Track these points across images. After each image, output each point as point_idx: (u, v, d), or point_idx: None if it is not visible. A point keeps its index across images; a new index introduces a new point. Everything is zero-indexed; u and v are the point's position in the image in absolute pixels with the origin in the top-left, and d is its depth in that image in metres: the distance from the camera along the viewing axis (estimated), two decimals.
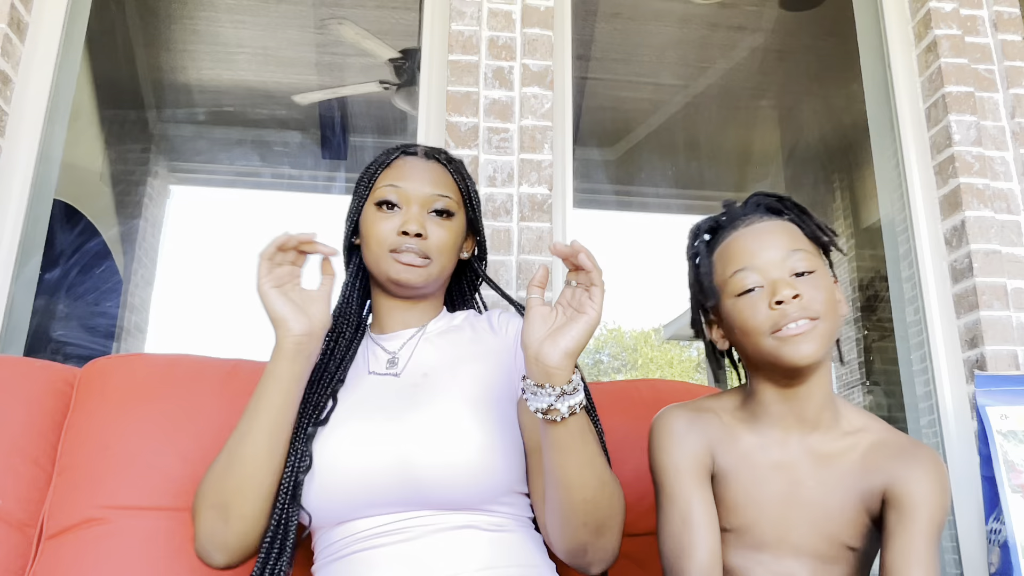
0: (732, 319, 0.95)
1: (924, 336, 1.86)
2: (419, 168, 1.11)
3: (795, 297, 0.90)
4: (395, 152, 1.14)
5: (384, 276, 1.07)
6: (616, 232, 4.46)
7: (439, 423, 0.95)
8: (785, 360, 0.90)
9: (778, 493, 0.94)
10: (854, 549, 0.95)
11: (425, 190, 1.09)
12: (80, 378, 1.26)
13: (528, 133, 1.77)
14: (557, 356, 0.82)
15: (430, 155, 1.14)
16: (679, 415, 1.00)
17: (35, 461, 1.17)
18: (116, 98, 3.39)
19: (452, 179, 1.13)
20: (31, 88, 1.76)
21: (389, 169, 1.11)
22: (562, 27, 1.95)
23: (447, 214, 1.10)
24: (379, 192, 1.09)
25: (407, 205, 1.08)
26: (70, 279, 2.94)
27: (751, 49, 3.30)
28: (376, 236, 1.07)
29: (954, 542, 1.73)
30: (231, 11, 3.13)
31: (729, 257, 0.96)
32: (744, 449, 0.97)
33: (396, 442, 0.94)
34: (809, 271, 0.93)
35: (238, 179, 3.93)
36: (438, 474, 0.92)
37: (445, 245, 1.08)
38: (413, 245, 1.05)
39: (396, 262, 1.06)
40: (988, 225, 1.81)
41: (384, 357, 1.09)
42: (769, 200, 1.00)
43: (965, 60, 1.94)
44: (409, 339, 1.10)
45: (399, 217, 1.07)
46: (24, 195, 1.72)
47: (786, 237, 0.95)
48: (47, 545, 1.12)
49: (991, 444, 1.36)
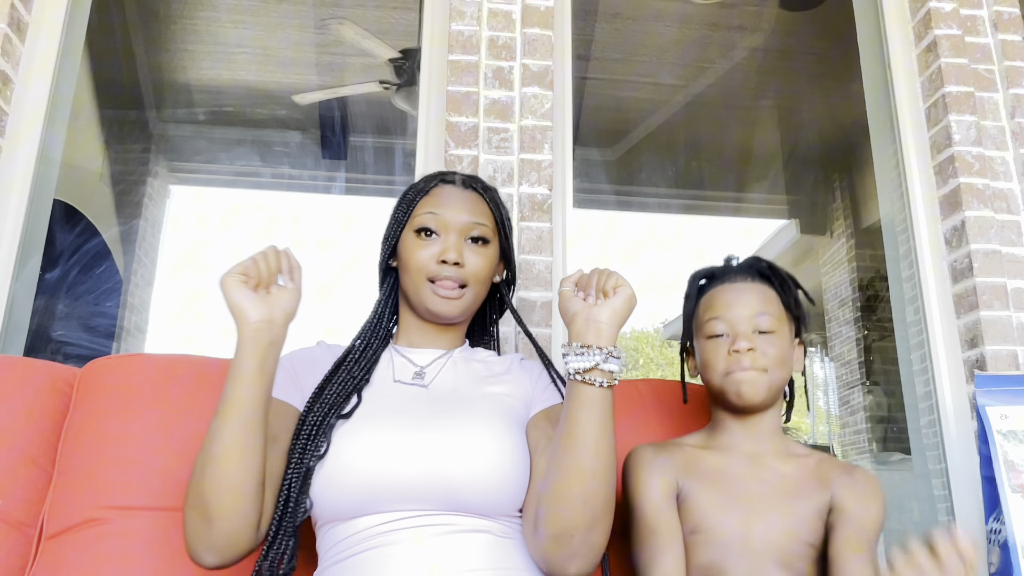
0: (700, 355, 1.16)
1: (924, 336, 1.86)
2: (457, 196, 1.15)
3: (749, 350, 1.09)
4: (434, 180, 1.18)
5: (422, 306, 1.12)
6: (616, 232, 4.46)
7: (471, 434, 0.99)
8: (732, 398, 1.10)
9: (742, 495, 1.08)
10: (813, 546, 1.06)
11: (463, 218, 1.13)
12: (80, 378, 1.26)
13: (528, 133, 1.77)
14: (607, 314, 0.89)
15: (467, 184, 1.19)
16: (647, 450, 1.14)
17: (35, 461, 1.17)
18: (116, 98, 3.39)
19: (488, 207, 1.17)
20: (31, 88, 1.76)
21: (428, 197, 1.15)
22: (562, 27, 1.95)
23: (483, 241, 1.14)
24: (418, 219, 1.13)
25: (445, 233, 1.12)
26: (70, 279, 2.94)
27: (751, 49, 3.30)
28: (416, 263, 1.11)
29: None
30: (231, 11, 3.13)
31: (709, 304, 1.15)
32: (709, 466, 1.12)
33: (426, 450, 0.97)
34: (770, 331, 1.11)
35: (238, 179, 3.93)
36: (467, 480, 0.95)
37: (481, 272, 1.13)
38: (451, 273, 1.10)
39: (434, 295, 1.11)
40: (988, 225, 1.81)
41: (411, 369, 1.12)
42: (761, 266, 1.17)
43: (965, 60, 1.94)
44: (437, 358, 1.14)
45: (438, 244, 1.12)
46: (24, 195, 1.72)
47: (759, 300, 1.13)
48: (47, 545, 1.13)
49: (991, 444, 1.36)
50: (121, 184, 3.53)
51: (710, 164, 4.19)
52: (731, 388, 1.10)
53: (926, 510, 1.83)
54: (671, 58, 3.39)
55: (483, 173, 1.74)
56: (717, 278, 1.18)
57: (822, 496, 1.07)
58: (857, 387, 4.62)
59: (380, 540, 0.94)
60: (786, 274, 1.17)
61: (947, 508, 1.76)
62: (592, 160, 4.01)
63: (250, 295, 0.92)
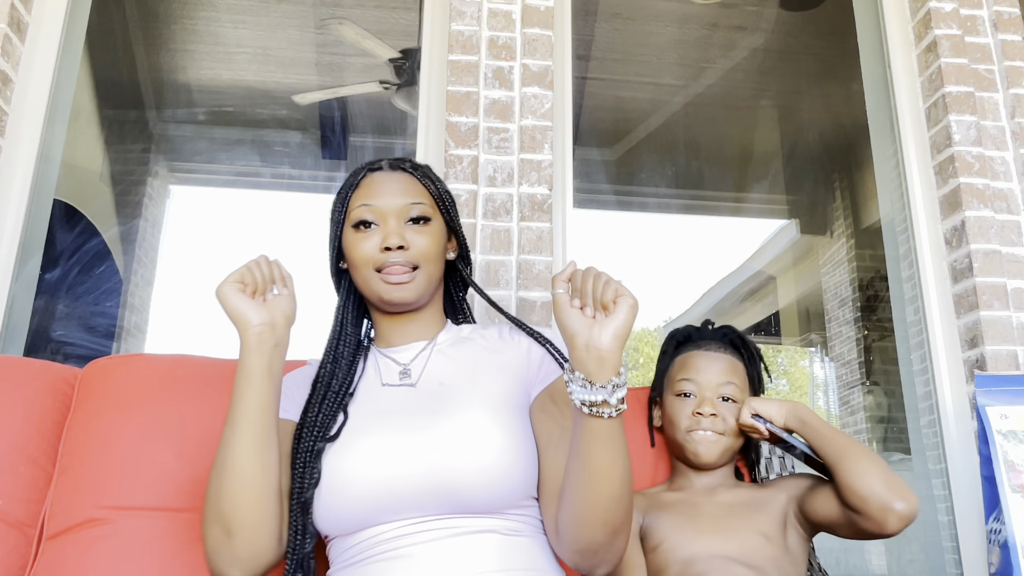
0: (666, 409, 1.26)
1: (924, 336, 1.86)
2: (387, 181, 1.12)
3: (712, 415, 1.19)
4: (361, 171, 1.15)
5: (376, 297, 1.09)
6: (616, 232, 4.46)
7: (465, 429, 0.97)
8: (689, 456, 1.20)
9: (696, 516, 1.17)
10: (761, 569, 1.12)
11: (397, 201, 1.10)
12: (81, 378, 1.26)
13: (528, 133, 1.77)
14: (608, 339, 0.82)
15: (395, 166, 1.16)
16: None
17: (35, 461, 1.17)
18: (116, 98, 3.39)
19: (421, 185, 1.14)
20: (31, 88, 1.76)
21: (359, 190, 1.12)
22: (562, 27, 1.95)
23: (424, 220, 1.11)
24: (354, 214, 1.11)
25: (383, 221, 1.09)
26: (70, 279, 2.94)
27: (751, 49, 3.30)
28: (360, 257, 1.09)
29: (954, 542, 1.73)
30: (231, 11, 3.12)
31: (683, 365, 1.25)
32: (669, 500, 1.22)
33: (423, 450, 0.96)
34: (733, 400, 1.21)
35: (238, 179, 3.93)
36: (467, 478, 0.94)
37: (429, 251, 1.10)
38: (398, 259, 1.07)
39: (384, 282, 1.07)
40: (988, 225, 1.81)
41: (396, 369, 1.10)
42: (734, 337, 1.28)
43: (965, 60, 1.94)
44: (421, 351, 1.12)
45: (378, 234, 1.09)
46: (24, 195, 1.72)
47: (728, 369, 1.23)
48: (47, 545, 1.13)
49: (991, 444, 1.36)
50: (121, 184, 3.53)
51: (710, 164, 4.19)
52: (689, 447, 1.20)
53: (926, 510, 1.83)
54: (671, 58, 3.39)
55: (483, 173, 1.74)
56: (693, 341, 1.29)
57: (770, 513, 1.16)
58: (857, 387, 4.62)
59: (383, 553, 0.93)
60: (754, 348, 1.29)
61: (947, 508, 1.76)
62: (592, 160, 4.00)
63: (248, 300, 0.93)
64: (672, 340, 1.32)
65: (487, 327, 1.19)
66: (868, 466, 1.04)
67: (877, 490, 1.02)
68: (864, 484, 1.03)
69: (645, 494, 1.25)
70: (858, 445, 1.09)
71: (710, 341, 1.27)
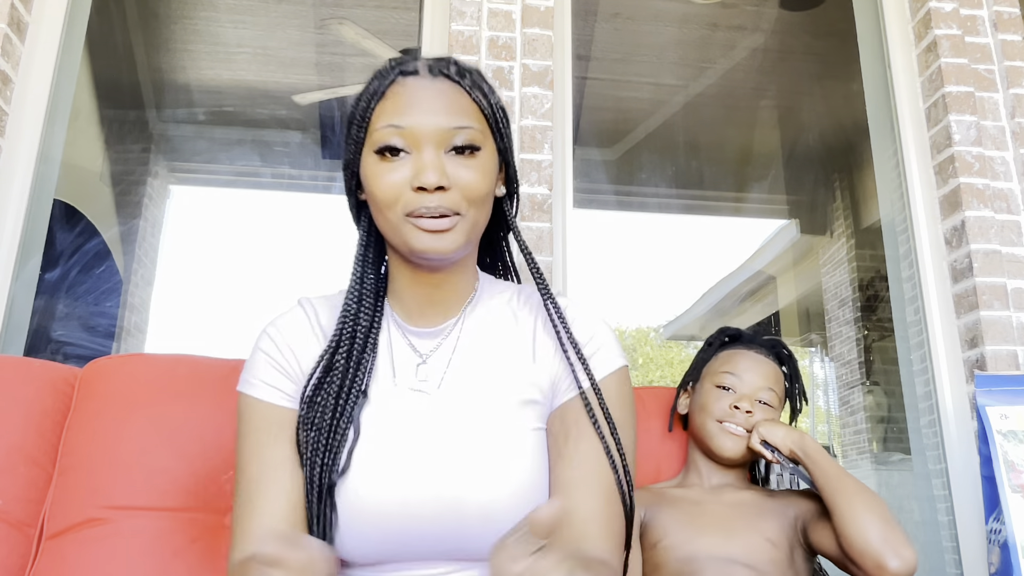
0: (701, 396, 1.26)
1: (924, 336, 1.86)
2: (425, 94, 0.85)
3: (748, 412, 1.20)
4: (390, 74, 0.87)
5: (406, 248, 0.85)
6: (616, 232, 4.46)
7: (487, 462, 0.82)
8: (714, 447, 1.20)
9: (697, 515, 1.15)
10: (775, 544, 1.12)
11: (438, 123, 0.83)
12: (81, 378, 1.25)
13: (528, 133, 1.77)
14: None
15: (436, 71, 0.87)
16: None
17: (35, 461, 1.17)
18: (116, 98, 3.39)
19: (471, 99, 0.87)
20: (31, 88, 1.76)
21: (385, 101, 0.85)
22: (562, 27, 1.95)
23: (472, 150, 0.85)
24: (378, 135, 0.84)
25: (417, 149, 0.83)
26: (70, 279, 2.94)
27: (751, 49, 3.30)
28: (384, 196, 0.83)
29: (954, 542, 1.73)
30: (231, 11, 3.12)
31: (730, 359, 1.26)
32: (672, 496, 1.21)
33: (439, 482, 0.82)
34: (770, 405, 1.23)
35: (238, 179, 3.93)
36: (484, 516, 0.81)
37: (477, 191, 0.84)
38: (434, 202, 0.81)
39: (417, 229, 0.82)
40: (988, 225, 1.81)
41: (413, 361, 0.90)
42: (779, 349, 1.30)
43: (965, 60, 1.94)
44: (444, 340, 0.91)
45: (409, 165, 0.83)
46: (24, 195, 1.72)
47: (772, 377, 1.25)
48: (47, 545, 1.12)
49: (991, 444, 1.36)
50: (121, 184, 3.53)
51: (710, 164, 4.19)
52: (717, 438, 1.20)
53: (926, 510, 1.83)
54: (671, 58, 3.39)
55: None
56: (743, 341, 1.30)
57: (777, 521, 1.15)
58: (857, 387, 4.62)
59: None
60: (797, 369, 1.30)
61: (947, 508, 1.76)
62: (592, 160, 4.00)
63: None
64: (722, 334, 1.33)
65: (525, 303, 0.96)
66: (865, 514, 1.00)
67: (873, 543, 0.98)
68: (859, 535, 0.99)
69: (649, 489, 1.24)
70: (860, 489, 1.04)
71: (760, 346, 1.28)
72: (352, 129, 0.88)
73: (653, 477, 1.31)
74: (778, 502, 1.18)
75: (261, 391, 0.89)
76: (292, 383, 0.89)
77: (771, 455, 1.15)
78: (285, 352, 0.90)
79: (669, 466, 1.32)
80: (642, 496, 1.20)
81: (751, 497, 1.20)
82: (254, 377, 0.90)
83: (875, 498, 1.03)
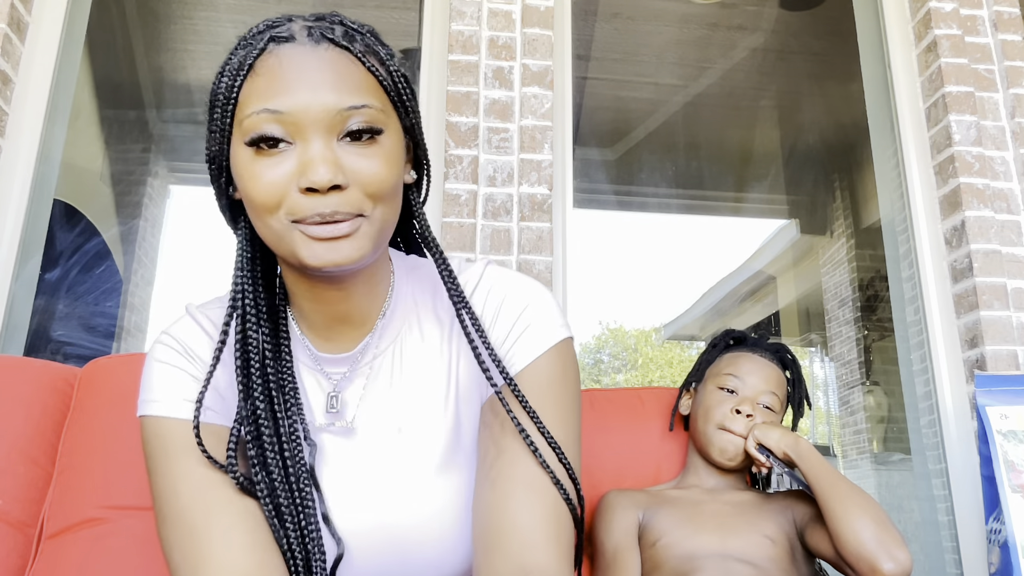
0: (704, 398, 1.25)
1: (924, 336, 1.86)
2: (308, 66, 0.66)
3: (749, 416, 1.19)
4: (259, 41, 0.68)
5: (296, 260, 0.68)
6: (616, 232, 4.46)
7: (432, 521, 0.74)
8: (714, 452, 1.20)
9: (696, 515, 1.15)
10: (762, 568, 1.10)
11: (326, 102, 0.66)
12: (80, 378, 1.25)
13: (528, 133, 1.77)
14: None
15: (319, 35, 0.68)
16: (616, 496, 1.22)
17: (35, 461, 1.17)
18: (116, 98, 3.39)
19: (366, 69, 0.69)
20: (31, 88, 1.76)
21: (256, 78, 0.67)
22: (562, 27, 1.95)
23: (371, 134, 0.68)
24: (249, 123, 0.66)
25: (301, 138, 0.66)
26: (70, 279, 2.94)
27: (751, 49, 3.30)
28: (263, 199, 0.66)
29: (954, 542, 1.73)
30: (231, 11, 3.12)
31: (733, 362, 1.26)
32: (670, 497, 1.21)
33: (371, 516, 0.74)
34: (771, 409, 1.22)
35: None
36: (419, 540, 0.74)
37: (382, 185, 0.68)
38: (330, 206, 0.65)
39: (308, 238, 0.66)
40: (988, 225, 1.81)
41: (325, 391, 0.77)
42: (783, 354, 1.29)
43: (965, 60, 1.94)
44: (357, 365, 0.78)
45: (293, 159, 0.66)
46: (24, 195, 1.72)
47: (775, 381, 1.24)
48: (47, 545, 1.12)
49: (991, 444, 1.36)
50: (121, 184, 3.53)
51: (710, 164, 4.19)
52: (717, 443, 1.20)
53: (926, 510, 1.83)
54: (671, 58, 3.39)
55: (483, 173, 1.74)
56: (748, 344, 1.30)
57: (776, 520, 1.15)
58: (857, 387, 4.62)
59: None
60: (800, 374, 1.30)
61: (947, 508, 1.76)
62: (592, 160, 4.00)
63: None
64: (727, 336, 1.34)
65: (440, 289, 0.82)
66: (859, 517, 1.00)
67: (867, 545, 0.97)
68: (853, 537, 0.99)
69: (648, 492, 1.25)
70: (853, 491, 1.04)
71: (764, 350, 1.28)
72: (215, 113, 0.69)
73: (653, 478, 1.30)
74: (777, 503, 1.19)
75: (167, 407, 0.73)
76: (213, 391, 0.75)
77: (765, 459, 1.15)
78: (189, 357, 0.76)
79: (669, 466, 1.32)
80: (639, 498, 1.21)
81: (750, 497, 1.20)
82: (154, 394, 0.74)
83: (869, 500, 1.02)
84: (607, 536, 1.16)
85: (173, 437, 0.72)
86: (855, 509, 1.01)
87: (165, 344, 0.77)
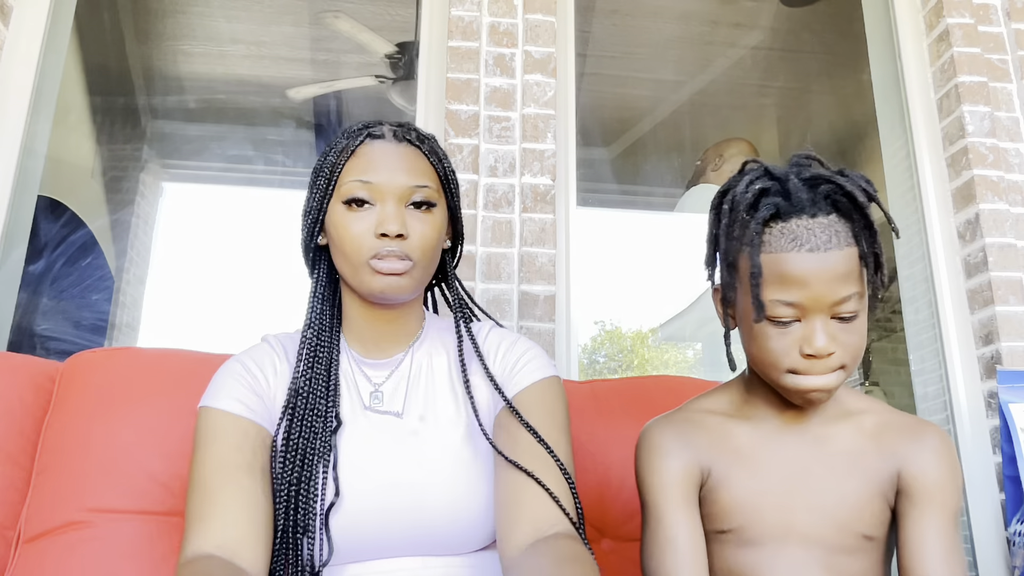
0: (751, 335, 0.87)
1: (936, 332, 1.82)
2: (390, 154, 0.98)
3: (830, 354, 0.83)
4: (359, 136, 1.00)
5: (365, 289, 0.97)
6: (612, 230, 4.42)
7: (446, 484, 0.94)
8: (793, 398, 0.88)
9: (780, 484, 0.89)
10: (871, 538, 0.89)
11: (400, 181, 0.97)
12: (62, 373, 1.20)
13: (530, 122, 1.72)
14: None
15: (401, 137, 1.01)
16: (664, 431, 0.96)
17: (14, 460, 1.11)
18: (107, 93, 3.34)
19: (429, 163, 1.01)
20: (15, 75, 1.71)
21: (354, 159, 0.98)
22: (565, 14, 1.90)
23: (427, 206, 0.98)
24: (346, 188, 0.97)
25: (381, 202, 0.96)
26: (55, 271, 2.88)
27: (751, 47, 3.27)
28: (351, 241, 0.95)
29: (969, 544, 1.68)
30: (224, 5, 3.08)
31: (775, 269, 0.82)
32: (739, 446, 0.92)
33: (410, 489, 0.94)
34: (852, 316, 0.83)
35: (232, 175, 3.88)
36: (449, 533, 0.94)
37: (428, 243, 0.97)
38: (395, 248, 0.94)
39: (377, 273, 0.95)
40: (1003, 218, 1.76)
41: (368, 388, 1.02)
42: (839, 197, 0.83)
43: (978, 49, 1.89)
44: (396, 370, 1.03)
45: (373, 215, 0.95)
46: (7, 188, 1.66)
47: (843, 270, 0.82)
48: (25, 549, 1.07)
49: (1015, 442, 1.31)
50: (112, 180, 3.47)
51: None
52: (795, 392, 0.86)
53: None
54: (671, 55, 3.36)
55: (484, 163, 1.69)
56: (783, 216, 0.84)
57: (884, 470, 0.88)
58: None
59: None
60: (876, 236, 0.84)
61: (961, 510, 1.71)
62: (591, 158, 3.97)
63: None
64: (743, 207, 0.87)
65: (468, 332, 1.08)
66: None
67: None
68: None
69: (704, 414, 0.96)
70: None
71: (813, 221, 0.82)
72: (320, 180, 1.00)
73: None
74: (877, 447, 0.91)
75: (226, 404, 0.94)
76: (260, 400, 0.97)
77: None
78: (255, 372, 0.99)
79: None
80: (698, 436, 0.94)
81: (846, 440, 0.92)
82: (219, 393, 0.96)
83: None
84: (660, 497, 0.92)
85: (215, 424, 0.93)
86: None
87: (237, 359, 1.00)
